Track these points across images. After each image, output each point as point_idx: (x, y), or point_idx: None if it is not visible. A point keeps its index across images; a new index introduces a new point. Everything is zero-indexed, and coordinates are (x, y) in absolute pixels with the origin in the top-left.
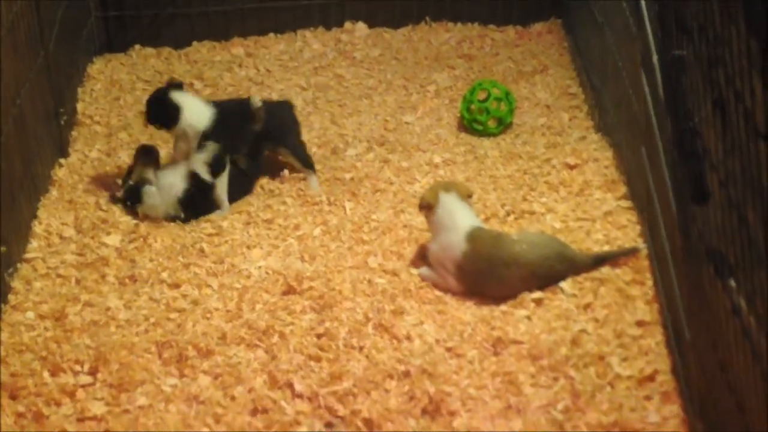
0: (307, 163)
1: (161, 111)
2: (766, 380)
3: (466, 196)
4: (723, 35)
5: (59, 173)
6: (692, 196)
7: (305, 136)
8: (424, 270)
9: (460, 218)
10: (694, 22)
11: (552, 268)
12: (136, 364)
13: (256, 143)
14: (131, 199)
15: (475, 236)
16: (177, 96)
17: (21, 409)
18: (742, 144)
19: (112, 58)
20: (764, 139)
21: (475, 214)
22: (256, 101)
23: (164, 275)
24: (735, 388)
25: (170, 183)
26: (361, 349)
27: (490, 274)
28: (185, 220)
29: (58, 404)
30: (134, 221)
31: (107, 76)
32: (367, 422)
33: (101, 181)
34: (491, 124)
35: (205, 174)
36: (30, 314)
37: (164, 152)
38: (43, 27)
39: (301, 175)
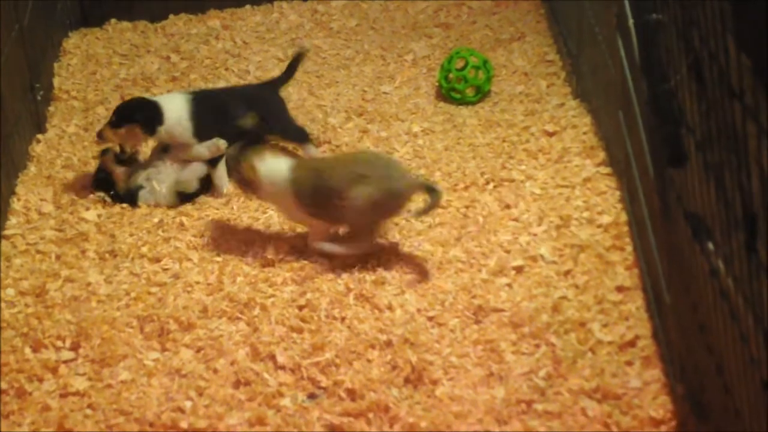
0: (302, 138)
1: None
2: (744, 340)
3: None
4: None
5: (37, 149)
6: (669, 160)
7: None
8: (326, 245)
9: (279, 164)
10: None
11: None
12: (118, 338)
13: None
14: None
15: (296, 165)
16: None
17: (3, 385)
18: (717, 106)
19: (88, 32)
20: (739, 100)
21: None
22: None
23: (144, 249)
24: (714, 349)
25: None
26: (342, 319)
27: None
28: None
29: (41, 380)
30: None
31: (83, 51)
32: (350, 392)
33: (79, 157)
34: (469, 92)
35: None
36: (10, 291)
37: None
38: (17, 1)
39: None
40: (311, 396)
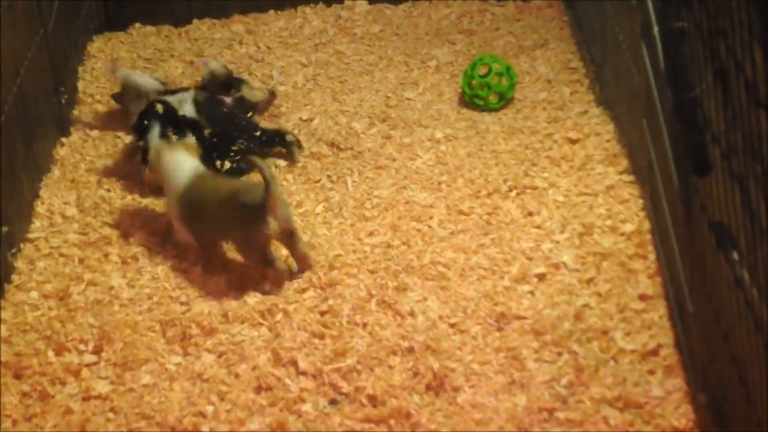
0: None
1: None
2: None
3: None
4: (723, 6)
5: (61, 152)
6: (694, 168)
7: (306, 114)
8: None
9: (184, 163)
10: None
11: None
12: (140, 342)
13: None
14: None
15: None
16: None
17: (26, 388)
18: (743, 115)
19: (112, 36)
20: (765, 110)
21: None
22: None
23: (167, 254)
24: (737, 359)
25: None
26: (364, 325)
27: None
28: None
29: (63, 383)
30: (134, 198)
31: (107, 55)
32: (371, 398)
33: (103, 160)
34: (492, 99)
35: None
36: (34, 294)
37: None
38: (41, 5)
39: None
40: (332, 402)
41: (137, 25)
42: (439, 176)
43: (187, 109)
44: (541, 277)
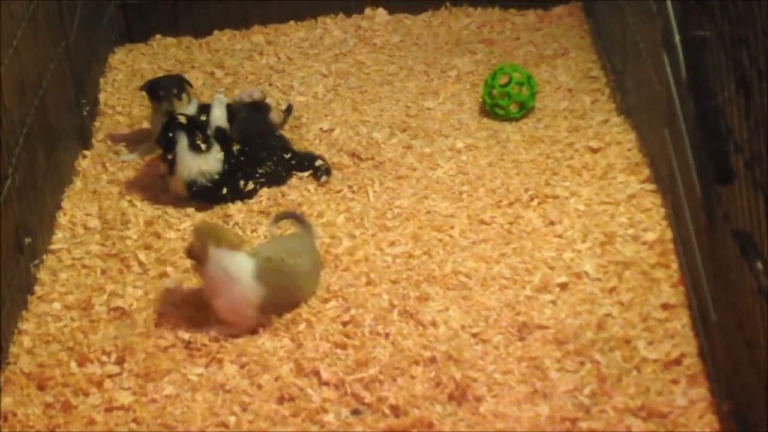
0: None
1: None
2: None
3: (238, 245)
4: (745, 14)
5: (83, 164)
6: (716, 177)
7: (326, 125)
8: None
9: (237, 270)
10: (716, 1)
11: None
12: (162, 353)
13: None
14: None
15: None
16: None
17: (49, 399)
18: (766, 123)
19: (133, 48)
20: None
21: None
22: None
23: (188, 263)
24: (761, 367)
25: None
26: (386, 335)
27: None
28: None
29: (86, 394)
30: (156, 210)
31: (128, 66)
32: (394, 409)
33: (125, 172)
34: (513, 108)
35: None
36: (56, 305)
37: None
38: (63, 17)
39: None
40: (355, 412)
41: (158, 36)
42: (460, 186)
43: (218, 116)
44: (563, 286)
